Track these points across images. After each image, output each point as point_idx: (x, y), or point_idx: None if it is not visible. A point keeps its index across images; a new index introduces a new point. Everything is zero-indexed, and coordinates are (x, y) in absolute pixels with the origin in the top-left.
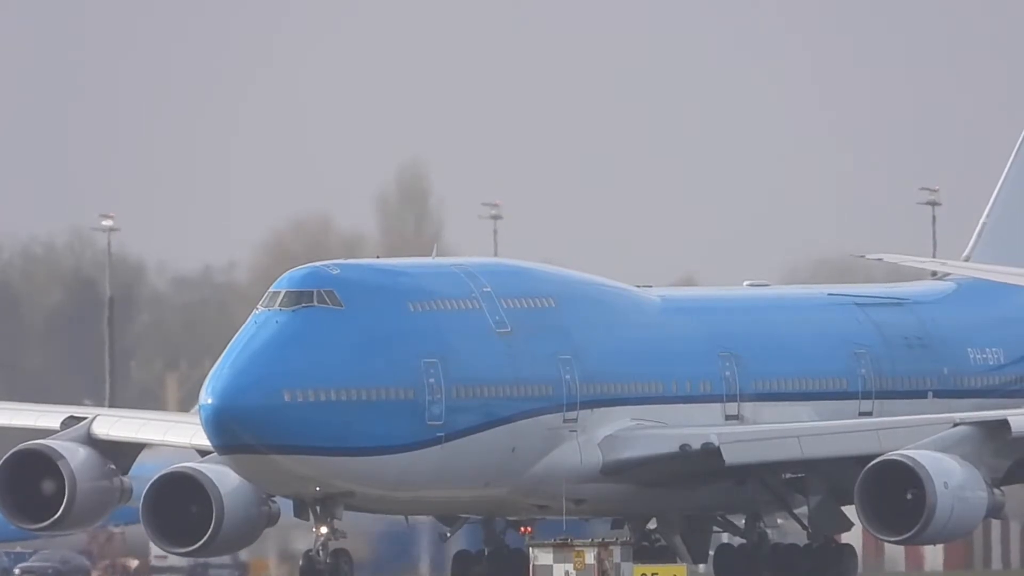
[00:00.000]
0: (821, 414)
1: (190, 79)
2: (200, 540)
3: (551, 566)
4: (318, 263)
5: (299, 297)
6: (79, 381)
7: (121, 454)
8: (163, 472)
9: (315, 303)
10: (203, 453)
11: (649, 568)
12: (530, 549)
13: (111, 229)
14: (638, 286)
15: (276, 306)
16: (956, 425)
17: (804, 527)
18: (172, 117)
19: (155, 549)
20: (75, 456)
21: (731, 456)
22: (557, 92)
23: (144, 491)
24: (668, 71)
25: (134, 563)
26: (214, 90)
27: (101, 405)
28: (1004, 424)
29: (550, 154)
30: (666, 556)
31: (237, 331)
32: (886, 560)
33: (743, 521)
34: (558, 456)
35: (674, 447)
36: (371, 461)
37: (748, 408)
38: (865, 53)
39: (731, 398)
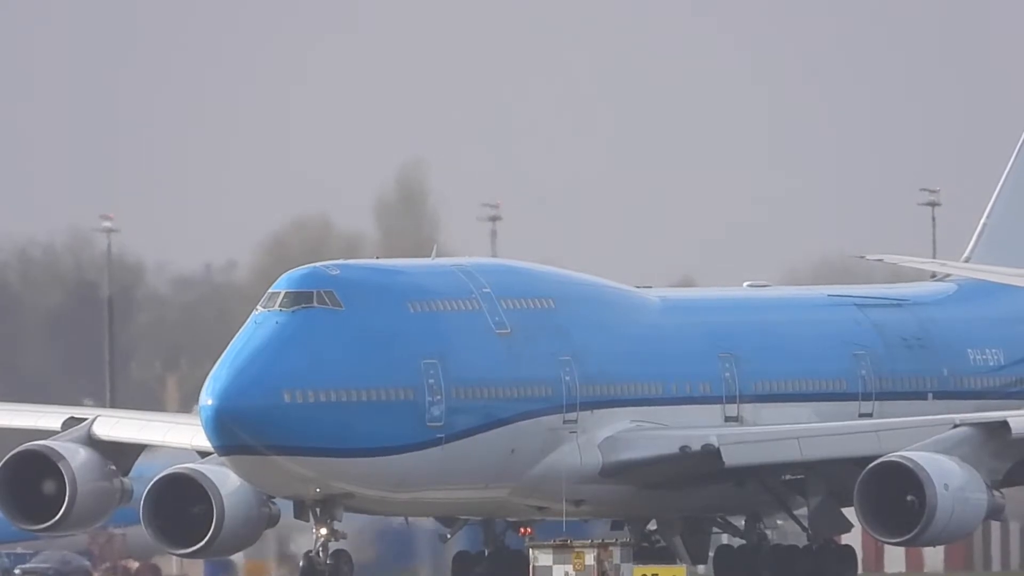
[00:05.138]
0: (821, 415)
1: (189, 80)
2: (200, 541)
3: (551, 567)
4: (317, 264)
5: (299, 298)
6: (79, 382)
7: (122, 455)
8: (163, 473)
9: (315, 304)
10: (203, 454)
11: (649, 569)
12: (530, 550)
13: (110, 230)
14: (638, 286)
15: (276, 307)
16: (956, 426)
17: (804, 528)
18: (171, 117)
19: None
20: (76, 457)
21: (731, 457)
22: (557, 92)
23: (145, 492)
24: (668, 72)
25: (134, 564)
26: (213, 90)
27: (101, 406)
28: (1004, 425)
29: (549, 155)
30: (666, 557)
31: (237, 331)
32: (886, 561)
33: (743, 522)
34: (558, 457)
35: (674, 448)
36: (371, 462)
37: (748, 409)
38: (865, 53)
39: (731, 399)
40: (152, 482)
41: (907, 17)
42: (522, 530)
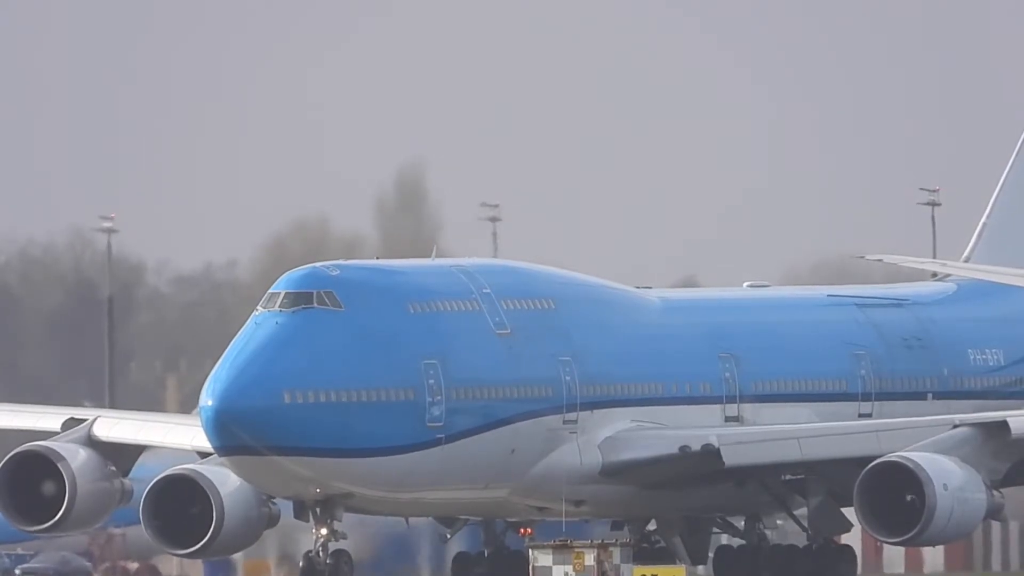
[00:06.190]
0: (821, 415)
1: (190, 80)
2: (200, 541)
3: (551, 567)
4: (317, 264)
5: (299, 298)
6: (79, 383)
7: (122, 456)
8: (163, 474)
9: (315, 304)
10: (203, 454)
11: (649, 569)
12: (530, 550)
13: (111, 230)
14: (638, 287)
15: (276, 307)
16: (956, 427)
17: (804, 528)
18: (172, 118)
19: None
20: (76, 458)
21: (731, 457)
22: (556, 93)
23: (144, 492)
24: (669, 72)
25: (134, 565)
26: (214, 91)
27: (101, 406)
28: (1004, 426)
29: (549, 155)
30: (666, 557)
31: (237, 331)
32: (885, 561)
33: (742, 522)
34: (558, 457)
35: (674, 448)
36: (371, 462)
37: (748, 409)
38: (864, 54)
39: (731, 399)
40: (152, 483)
41: (907, 17)
42: (522, 530)
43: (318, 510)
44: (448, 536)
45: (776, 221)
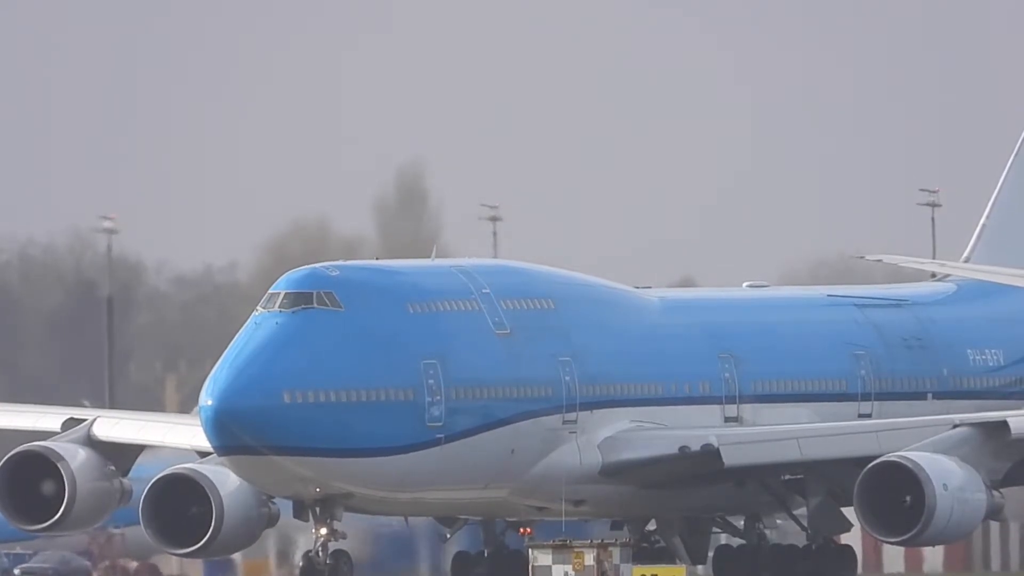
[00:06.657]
0: (820, 415)
1: (190, 80)
2: (200, 541)
3: (550, 567)
4: (317, 264)
5: (298, 298)
6: (79, 383)
7: (121, 455)
8: (163, 473)
9: (315, 304)
10: (203, 454)
11: (648, 569)
12: (529, 550)
13: (111, 230)
14: (637, 287)
15: (275, 307)
16: (956, 427)
17: (803, 528)
18: (172, 118)
19: None
20: (75, 458)
21: (730, 458)
22: (555, 93)
23: (144, 492)
24: (668, 72)
25: (134, 564)
26: (215, 91)
27: (101, 406)
28: (1004, 425)
29: (549, 155)
30: (665, 557)
31: (237, 331)
32: (885, 561)
33: (742, 522)
34: (557, 457)
35: (673, 449)
36: (371, 462)
37: (747, 409)
38: (863, 53)
39: (730, 399)
40: (151, 482)
41: (907, 17)
42: (522, 530)
43: (318, 510)
44: (448, 536)
45: (776, 221)
